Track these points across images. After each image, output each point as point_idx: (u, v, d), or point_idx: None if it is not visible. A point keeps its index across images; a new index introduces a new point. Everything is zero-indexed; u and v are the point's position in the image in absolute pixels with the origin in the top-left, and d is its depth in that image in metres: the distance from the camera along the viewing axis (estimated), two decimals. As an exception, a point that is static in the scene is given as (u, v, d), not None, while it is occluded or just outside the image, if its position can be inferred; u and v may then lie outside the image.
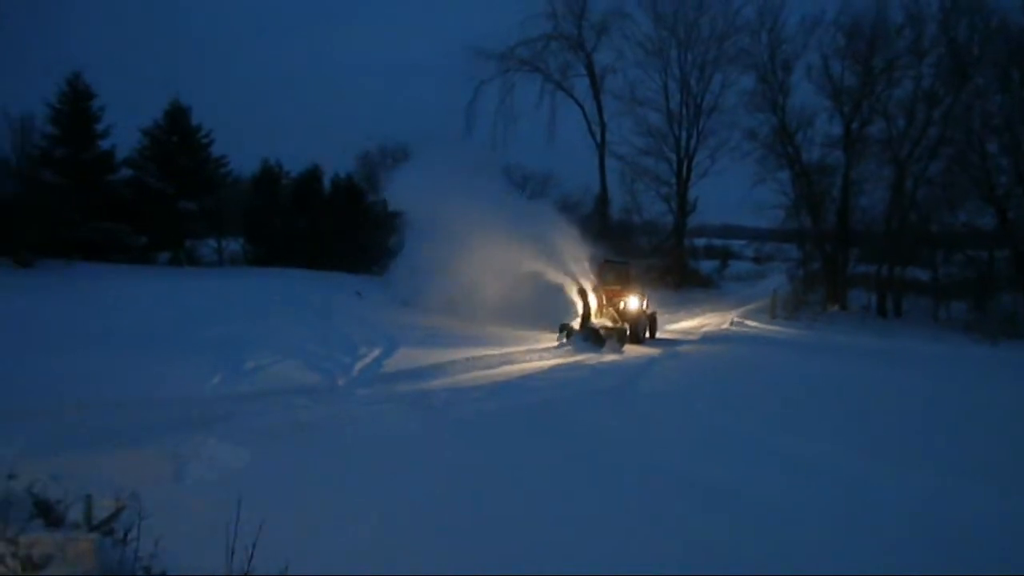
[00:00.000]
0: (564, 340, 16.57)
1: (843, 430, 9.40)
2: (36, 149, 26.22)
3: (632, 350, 16.47)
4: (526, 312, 18.61)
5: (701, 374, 13.64)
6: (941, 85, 28.70)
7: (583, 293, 18.23)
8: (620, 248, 35.08)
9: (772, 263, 47.59)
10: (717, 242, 61.08)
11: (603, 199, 37.66)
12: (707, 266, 48.60)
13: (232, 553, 3.02)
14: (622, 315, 18.00)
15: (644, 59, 36.12)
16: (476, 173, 20.06)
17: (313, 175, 32.36)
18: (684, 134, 36.90)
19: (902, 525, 5.99)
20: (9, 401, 7.69)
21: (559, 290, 18.56)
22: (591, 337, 16.43)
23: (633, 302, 18.48)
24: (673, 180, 37.10)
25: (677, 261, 37.54)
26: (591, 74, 36.64)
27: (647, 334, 18.64)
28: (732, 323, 23.98)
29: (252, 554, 3.04)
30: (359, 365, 11.75)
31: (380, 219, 30.05)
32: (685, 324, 23.50)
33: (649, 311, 19.33)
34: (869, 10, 30.03)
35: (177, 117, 29.50)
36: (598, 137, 37.20)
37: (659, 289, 32.07)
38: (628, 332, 17.27)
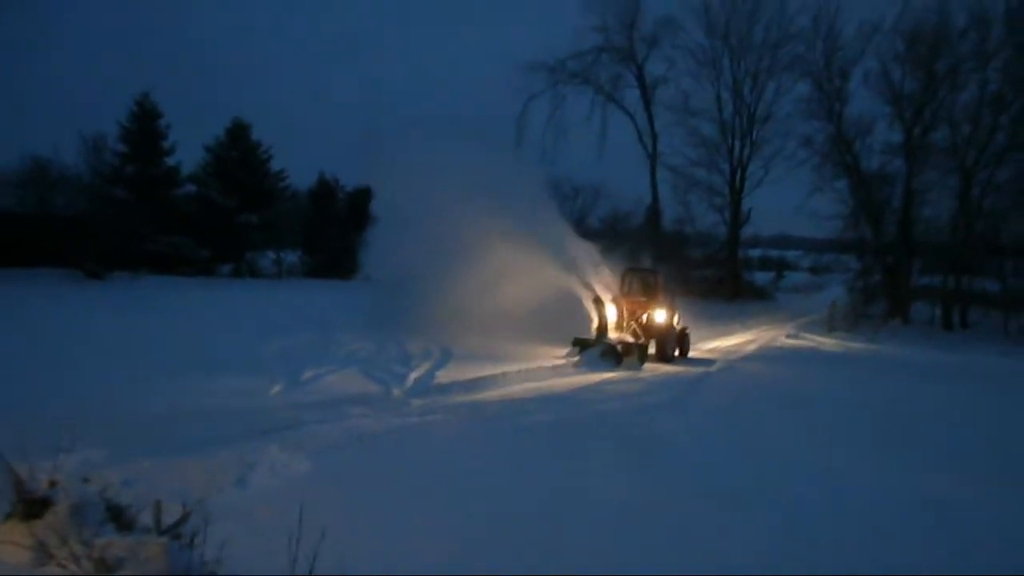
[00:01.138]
0: (576, 356, 15.01)
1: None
2: (107, 166, 27.43)
3: (656, 370, 14.85)
4: (534, 325, 17.06)
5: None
6: (1009, 89, 27.62)
7: (598, 302, 16.39)
8: (672, 259, 34.77)
9: (830, 274, 46.43)
10: (772, 253, 59.93)
11: (655, 210, 37.39)
12: (762, 277, 47.70)
13: (295, 560, 3.11)
14: (646, 330, 16.25)
15: (696, 69, 35.85)
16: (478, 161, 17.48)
17: (368, 189, 33.01)
18: (737, 144, 36.43)
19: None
20: (80, 409, 8.06)
21: (574, 302, 16.81)
22: (607, 353, 14.88)
23: (659, 315, 16.51)
24: (726, 190, 36.61)
25: (731, 272, 36.96)
26: (642, 85, 36.51)
27: (676, 352, 16.72)
28: (788, 336, 23.46)
29: (315, 561, 3.12)
30: (413, 376, 11.90)
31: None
32: (735, 340, 21.99)
33: (680, 326, 17.44)
34: (930, 13, 29.14)
35: (238, 134, 30.53)
36: (649, 148, 37.01)
37: (712, 301, 31.66)
38: (650, 349, 15.82)
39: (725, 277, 36.54)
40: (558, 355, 15.28)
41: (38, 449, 5.00)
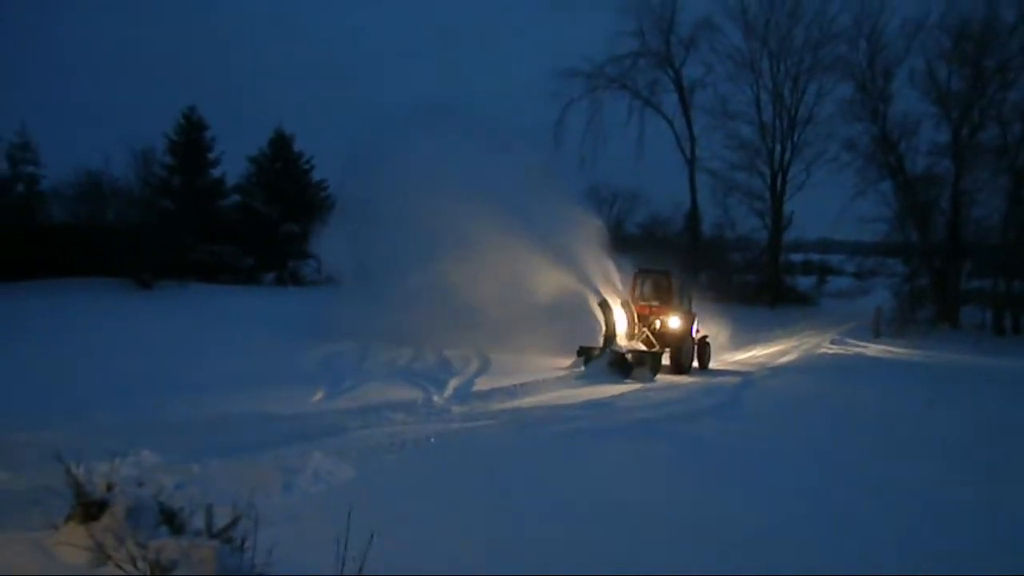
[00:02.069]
0: (582, 367, 14.01)
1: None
2: (155, 178, 28.22)
3: (669, 382, 13.73)
4: (537, 334, 15.50)
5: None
6: (1062, 86, 26.81)
7: (604, 306, 14.88)
8: (713, 265, 34.34)
9: (875, 279, 45.33)
10: (815, 257, 58.73)
11: (694, 215, 37.04)
12: (804, 282, 46.75)
13: (343, 563, 3.17)
14: (659, 338, 15.09)
15: (734, 72, 35.44)
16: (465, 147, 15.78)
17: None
18: (778, 147, 35.89)
19: None
20: (133, 415, 8.31)
21: (582, 310, 15.36)
22: (616, 363, 13.73)
23: (674, 321, 15.31)
24: (767, 194, 36.08)
25: (772, 278, 36.38)
26: (680, 89, 36.23)
27: (694, 362, 15.57)
28: (832, 341, 22.98)
29: (363, 564, 3.18)
30: (453, 382, 11.98)
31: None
32: (775, 348, 20.92)
33: (699, 334, 16.36)
34: (977, 10, 28.39)
35: (280, 145, 31.14)
36: (688, 153, 36.69)
37: (753, 307, 31.18)
38: (664, 358, 14.64)
39: (766, 282, 35.98)
40: (561, 366, 14.27)
41: (95, 453, 5.21)
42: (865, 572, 5.07)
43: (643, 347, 14.66)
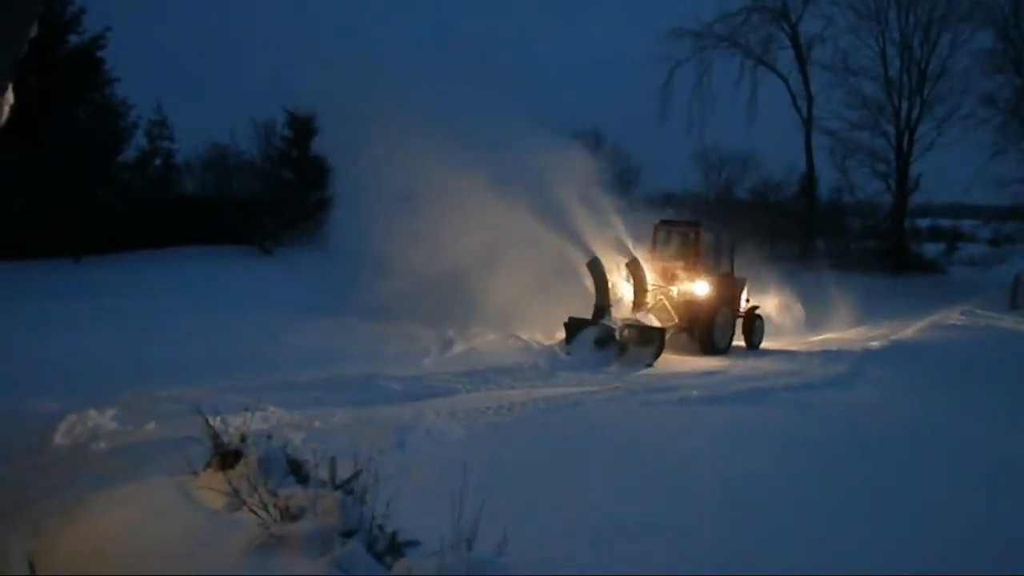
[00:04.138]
0: (566, 348, 11.37)
1: None
2: (276, 150, 29.59)
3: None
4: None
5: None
6: None
7: (594, 267, 11.89)
8: (831, 231, 32.62)
9: (1012, 246, 41.87)
10: (944, 222, 54.79)
11: (810, 179, 35.19)
12: (931, 249, 43.79)
13: (459, 518, 3.28)
14: (683, 308, 12.34)
15: (857, 24, 33.07)
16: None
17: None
18: (905, 104, 33.39)
19: None
20: (263, 372, 8.88)
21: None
22: (604, 340, 11.11)
23: (700, 287, 12.40)
24: (892, 155, 33.75)
25: (895, 244, 34.21)
26: (796, 45, 34.28)
27: (732, 339, 12.88)
28: (962, 313, 21.39)
29: (477, 523, 3.28)
30: (559, 349, 11.99)
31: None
32: (887, 327, 17.59)
33: (749, 305, 13.71)
34: None
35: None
36: (804, 112, 34.80)
37: (873, 275, 29.44)
38: (671, 334, 11.79)
39: (889, 249, 33.89)
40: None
41: (228, 407, 5.63)
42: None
43: (653, 320, 11.97)
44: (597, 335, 11.24)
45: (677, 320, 12.32)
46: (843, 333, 17.07)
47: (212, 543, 3.91)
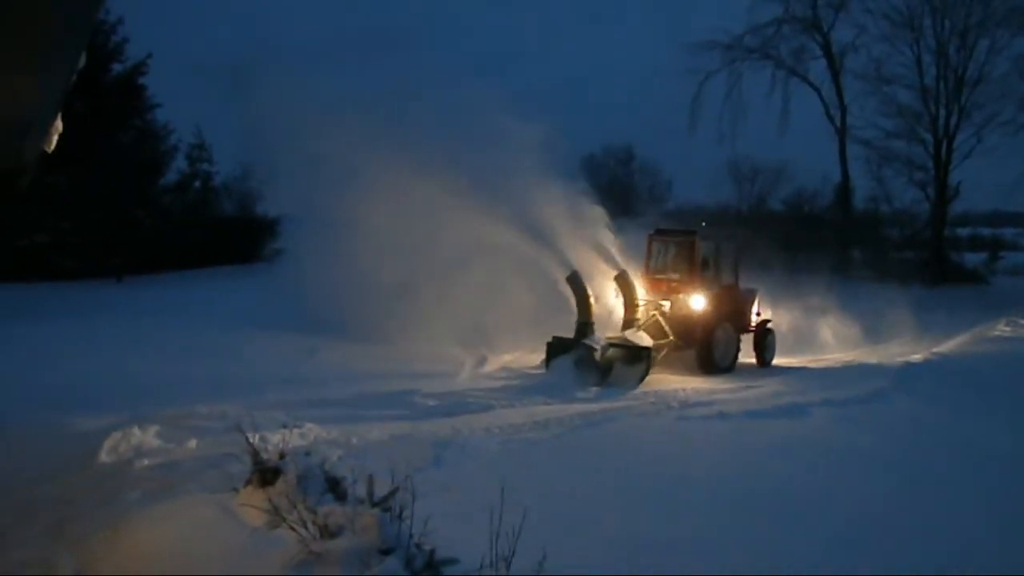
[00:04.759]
0: (545, 367, 10.76)
1: None
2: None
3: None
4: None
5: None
6: None
7: (574, 281, 11.14)
8: (868, 241, 32.04)
9: (1060, 254, 40.67)
10: (985, 231, 53.50)
11: (845, 188, 34.64)
12: (972, 259, 42.74)
13: (496, 535, 3.28)
14: (675, 324, 11.53)
15: (891, 32, 32.52)
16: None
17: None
18: (942, 111, 32.70)
19: None
20: (302, 390, 8.99)
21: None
22: (584, 361, 10.28)
23: (696, 302, 11.55)
24: (929, 163, 33.05)
25: (935, 254, 33.44)
26: (828, 55, 33.88)
27: (737, 357, 12.06)
28: (1006, 324, 20.69)
29: (516, 540, 3.27)
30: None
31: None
32: (935, 335, 17.08)
33: (760, 318, 12.81)
34: None
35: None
36: (838, 122, 34.33)
37: (912, 286, 28.75)
38: (660, 354, 11.08)
39: (928, 259, 33.15)
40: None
41: (266, 424, 5.70)
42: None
43: (643, 338, 10.99)
44: (575, 357, 10.41)
45: (672, 337, 11.52)
46: (883, 347, 16.67)
47: (253, 560, 3.96)
